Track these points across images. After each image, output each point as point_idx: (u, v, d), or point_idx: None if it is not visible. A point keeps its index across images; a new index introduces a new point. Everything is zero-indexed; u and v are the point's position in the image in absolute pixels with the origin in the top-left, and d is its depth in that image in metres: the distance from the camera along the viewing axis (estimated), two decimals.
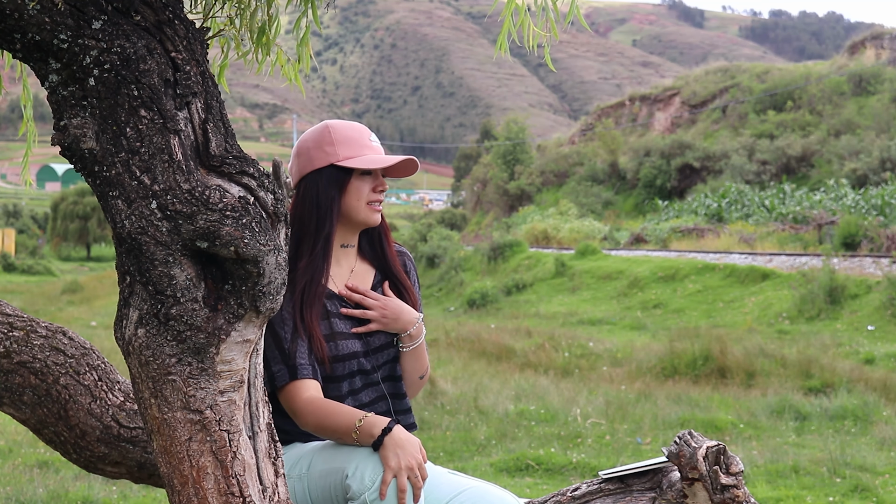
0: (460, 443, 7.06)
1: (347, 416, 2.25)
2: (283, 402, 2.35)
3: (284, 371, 2.34)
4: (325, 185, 2.42)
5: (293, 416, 2.34)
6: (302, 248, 2.43)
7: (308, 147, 2.46)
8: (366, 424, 2.21)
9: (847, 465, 6.14)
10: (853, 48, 41.34)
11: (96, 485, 5.56)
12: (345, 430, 2.24)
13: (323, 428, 2.28)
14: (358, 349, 2.45)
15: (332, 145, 2.43)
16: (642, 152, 37.10)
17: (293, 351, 2.34)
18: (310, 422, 2.30)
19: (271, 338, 2.35)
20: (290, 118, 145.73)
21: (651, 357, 11.18)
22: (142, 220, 1.89)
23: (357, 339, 2.45)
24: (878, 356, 10.98)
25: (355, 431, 2.21)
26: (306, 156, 2.45)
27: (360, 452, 2.21)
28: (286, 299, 2.36)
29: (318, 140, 2.45)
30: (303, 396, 2.31)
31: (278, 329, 2.35)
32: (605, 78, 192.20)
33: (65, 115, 1.89)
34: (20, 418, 2.49)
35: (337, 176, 2.43)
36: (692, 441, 2.17)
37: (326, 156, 2.43)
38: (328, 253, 2.44)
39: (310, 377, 2.34)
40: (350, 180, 2.44)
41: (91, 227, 43.11)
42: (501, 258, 24.27)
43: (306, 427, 2.32)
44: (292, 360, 2.34)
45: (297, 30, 2.39)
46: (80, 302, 23.20)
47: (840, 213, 23.09)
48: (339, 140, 2.44)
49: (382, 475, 2.15)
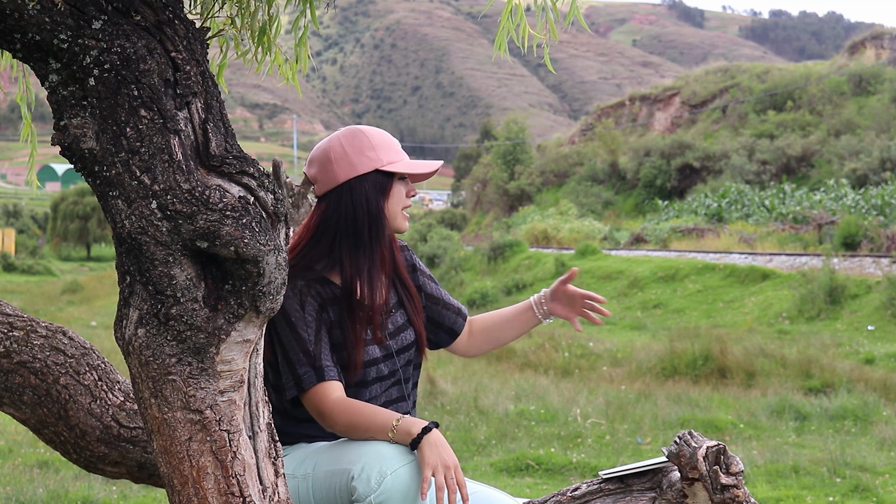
0: (460, 443, 7.06)
1: (382, 417, 2.25)
2: (308, 404, 2.33)
3: (311, 373, 2.32)
4: (371, 191, 2.40)
5: (320, 416, 2.31)
6: (353, 259, 2.40)
7: (347, 152, 2.40)
8: (403, 424, 2.23)
9: (847, 465, 6.14)
10: (853, 48, 41.33)
11: (96, 485, 5.56)
12: (379, 429, 2.24)
13: (355, 427, 2.27)
14: (378, 355, 2.43)
15: (373, 150, 2.40)
16: (642, 152, 37.10)
17: (318, 353, 2.33)
18: (340, 421, 2.28)
19: (294, 340, 2.33)
20: (290, 118, 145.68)
21: (651, 357, 11.18)
22: (142, 220, 1.89)
23: (376, 344, 2.44)
24: (878, 356, 10.99)
25: (392, 430, 2.23)
26: (345, 161, 2.40)
27: (366, 454, 2.20)
28: (310, 301, 2.35)
29: (357, 145, 2.41)
30: (332, 397, 2.30)
31: (301, 331, 2.33)
32: (605, 78, 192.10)
33: (65, 115, 1.89)
34: (20, 418, 2.49)
35: (381, 181, 2.41)
36: (692, 441, 2.17)
37: (370, 161, 2.40)
38: (384, 265, 2.44)
39: (336, 378, 2.33)
40: (392, 186, 2.42)
41: (91, 227, 43.11)
42: (501, 258, 24.27)
43: (334, 427, 2.30)
44: (318, 362, 2.32)
45: (296, 30, 2.39)
46: (80, 302, 23.20)
47: (840, 213, 23.09)
48: (378, 145, 2.42)
49: (423, 473, 2.16)
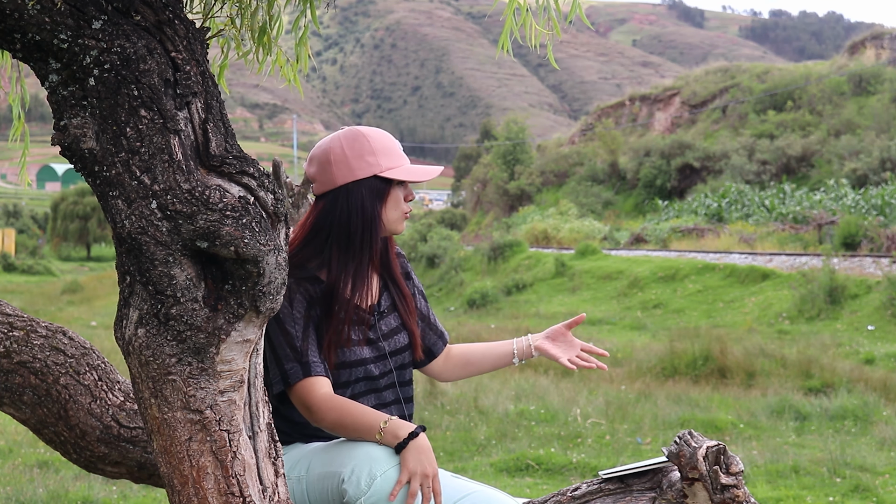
0: (460, 443, 7.06)
1: (371, 416, 2.26)
2: (295, 399, 2.33)
3: (297, 368, 2.31)
4: (368, 195, 2.38)
5: (308, 412, 2.31)
6: (341, 260, 2.39)
7: (346, 155, 2.39)
8: (391, 426, 2.23)
9: (847, 465, 6.14)
10: (853, 48, 41.34)
11: (96, 485, 5.56)
12: (367, 429, 2.24)
13: (342, 425, 2.27)
14: (367, 355, 2.42)
15: (373, 155, 2.39)
16: (642, 152, 37.11)
17: (305, 349, 2.32)
18: (327, 418, 2.28)
19: (282, 336, 2.33)
20: (290, 118, 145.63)
21: (651, 357, 11.18)
22: (142, 220, 1.89)
23: (368, 345, 2.43)
24: (878, 356, 10.99)
25: (379, 432, 2.23)
26: (345, 164, 2.39)
27: (356, 457, 2.20)
28: (298, 298, 2.34)
29: (357, 149, 2.39)
30: (319, 392, 2.30)
31: (289, 327, 2.33)
32: (605, 78, 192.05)
33: (65, 115, 1.89)
34: (20, 418, 2.49)
35: (380, 187, 2.39)
36: (692, 441, 2.17)
37: (369, 166, 2.38)
38: (373, 267, 2.44)
39: (323, 374, 2.32)
40: (391, 191, 2.41)
41: (91, 227, 43.12)
42: (501, 258, 24.27)
43: (321, 423, 2.30)
44: (305, 358, 2.32)
45: (296, 30, 2.39)
46: (80, 302, 23.21)
47: (840, 213, 23.10)
48: (378, 150, 2.40)
49: (399, 476, 2.17)
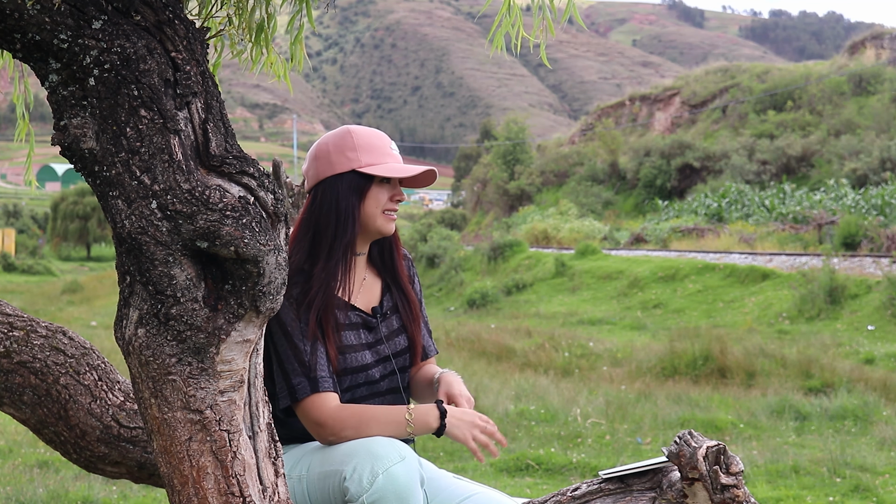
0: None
1: (392, 414, 2.29)
2: (302, 414, 2.31)
3: (305, 383, 2.29)
4: (345, 190, 2.39)
5: (318, 427, 2.29)
6: (317, 253, 2.38)
7: (329, 151, 2.41)
8: (417, 417, 2.28)
9: (847, 465, 6.14)
10: (853, 48, 41.32)
11: (96, 485, 5.56)
12: (394, 425, 2.27)
13: (367, 427, 2.27)
14: (368, 361, 2.42)
15: (354, 151, 2.40)
16: (642, 152, 37.09)
17: (314, 363, 2.31)
18: (348, 426, 2.27)
19: (290, 350, 2.31)
20: (290, 118, 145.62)
21: (651, 357, 11.18)
22: (142, 219, 1.89)
23: (368, 349, 2.42)
24: (878, 356, 10.99)
25: (409, 424, 2.27)
26: (326, 159, 2.41)
27: (357, 454, 2.20)
28: (304, 310, 2.33)
29: (339, 145, 2.41)
30: (329, 406, 2.29)
31: (297, 341, 2.31)
32: (605, 78, 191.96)
33: (65, 115, 1.89)
34: (20, 418, 2.49)
35: (358, 182, 2.40)
36: (692, 441, 2.17)
37: (348, 161, 2.39)
38: (348, 260, 2.41)
39: (331, 390, 2.31)
40: (370, 188, 2.41)
41: (91, 227, 43.10)
42: (501, 258, 24.26)
43: (336, 436, 2.28)
44: (313, 373, 2.30)
45: (292, 29, 2.38)
46: (80, 302, 23.20)
47: (840, 213, 23.09)
48: (361, 146, 2.40)
49: (467, 446, 2.29)
